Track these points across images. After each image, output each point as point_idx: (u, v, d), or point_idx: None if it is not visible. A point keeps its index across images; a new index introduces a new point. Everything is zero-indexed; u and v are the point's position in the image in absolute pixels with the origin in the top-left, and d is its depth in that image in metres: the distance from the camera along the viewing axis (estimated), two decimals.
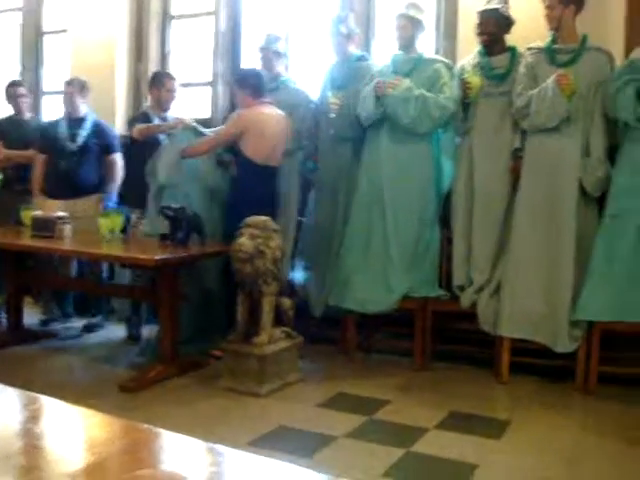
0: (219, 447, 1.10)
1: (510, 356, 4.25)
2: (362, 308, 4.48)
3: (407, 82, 4.41)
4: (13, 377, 4.06)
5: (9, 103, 5.72)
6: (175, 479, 0.85)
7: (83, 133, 5.16)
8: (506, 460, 3.20)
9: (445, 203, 4.59)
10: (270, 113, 4.48)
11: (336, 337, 4.84)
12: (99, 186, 5.23)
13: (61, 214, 4.53)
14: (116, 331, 5.25)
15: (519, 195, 4.24)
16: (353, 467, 3.05)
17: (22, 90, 5.69)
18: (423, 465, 3.13)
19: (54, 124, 5.30)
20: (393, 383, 4.21)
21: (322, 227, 4.81)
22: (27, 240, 4.51)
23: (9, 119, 5.73)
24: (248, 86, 4.50)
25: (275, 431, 3.45)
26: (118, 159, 5.28)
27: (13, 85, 5.73)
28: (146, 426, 1.20)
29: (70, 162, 5.13)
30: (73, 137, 5.15)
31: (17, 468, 1.06)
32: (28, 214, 4.73)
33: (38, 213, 4.63)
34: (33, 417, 1.30)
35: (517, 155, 4.29)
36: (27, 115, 5.74)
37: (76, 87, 5.23)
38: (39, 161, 5.27)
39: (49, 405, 1.33)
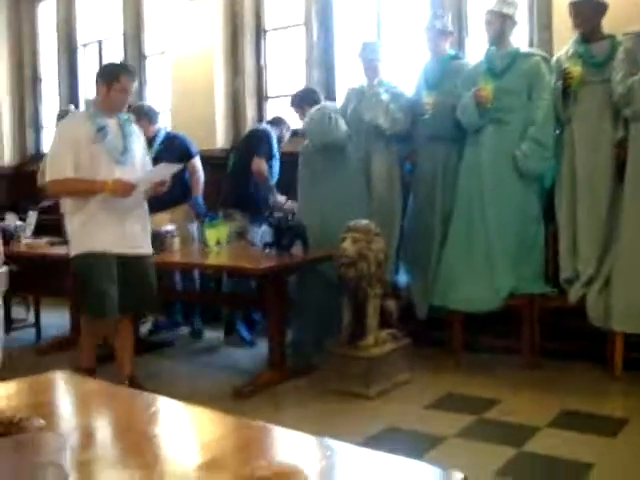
0: (329, 441, 1.15)
1: (624, 351, 4.12)
2: (467, 307, 4.45)
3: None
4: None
5: None
6: (292, 471, 0.90)
7: (153, 150, 5.31)
8: (623, 459, 3.11)
9: (549, 196, 4.50)
10: None
11: (442, 338, 4.81)
12: (185, 194, 5.44)
13: (169, 228, 4.72)
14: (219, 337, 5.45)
15: (626, 185, 4.11)
16: (463, 467, 3.01)
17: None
18: (536, 465, 3.09)
19: None
20: (502, 382, 4.15)
21: (422, 228, 4.80)
22: None
23: None
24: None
25: (384, 432, 3.48)
26: (196, 163, 5.47)
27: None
28: (258, 423, 1.26)
29: None
30: None
31: (141, 464, 1.13)
32: None
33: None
34: (153, 418, 1.38)
35: (621, 144, 4.16)
36: None
37: (134, 114, 5.43)
38: None
39: (167, 406, 1.41)
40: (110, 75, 3.87)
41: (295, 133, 5.61)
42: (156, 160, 5.30)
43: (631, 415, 3.56)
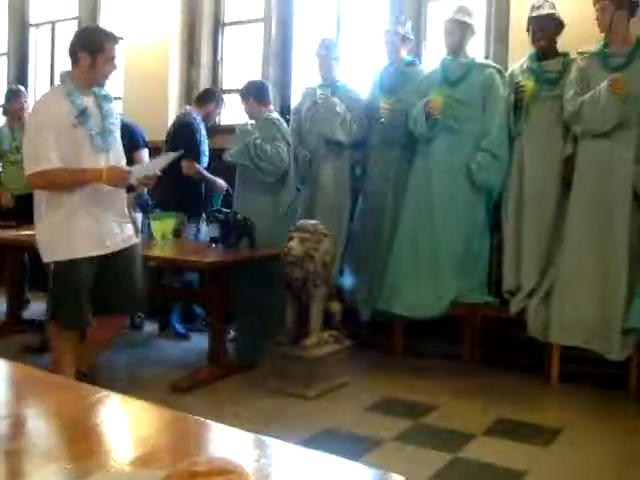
0: (267, 439, 1.13)
1: (560, 363, 4.20)
2: (411, 313, 4.48)
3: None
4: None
5: None
6: (230, 468, 0.87)
7: None
8: (556, 468, 3.16)
9: (496, 208, 4.55)
10: None
11: (384, 342, 4.84)
12: (129, 186, 5.27)
13: None
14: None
15: (571, 201, 4.18)
16: (399, 471, 3.02)
17: None
18: (471, 471, 3.11)
19: None
20: (441, 388, 4.18)
21: (370, 232, 4.81)
22: None
23: None
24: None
25: (322, 433, 3.47)
26: (141, 155, 5.20)
27: None
28: (196, 418, 1.23)
29: None
30: None
31: (73, 455, 1.10)
32: None
33: None
34: (89, 409, 1.34)
35: (569, 161, 4.24)
36: None
37: None
38: None
39: (104, 398, 1.37)
40: (94, 44, 3.39)
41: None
42: None
43: (565, 425, 3.62)
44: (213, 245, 4.44)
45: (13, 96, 5.91)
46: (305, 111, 4.99)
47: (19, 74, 7.69)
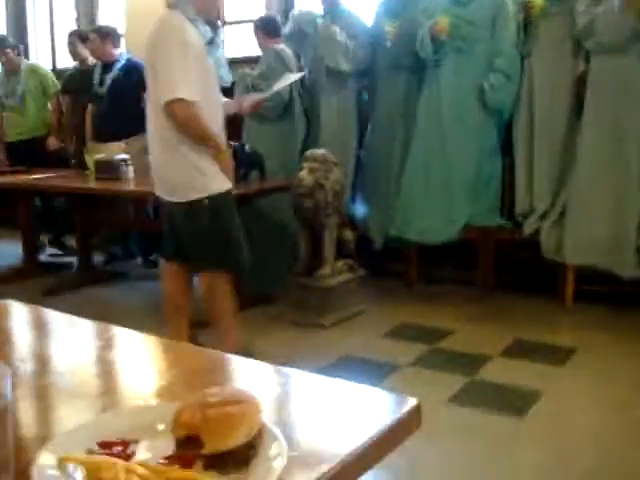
0: (284, 369, 1.14)
1: (575, 283, 4.21)
2: (423, 239, 4.48)
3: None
4: (95, 317, 4.23)
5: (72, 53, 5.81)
6: (244, 398, 0.88)
7: (111, 76, 5.17)
8: (571, 387, 3.20)
9: (507, 130, 4.49)
10: None
11: (398, 269, 4.85)
12: (139, 125, 5.20)
13: (123, 156, 4.61)
14: None
15: (583, 120, 4.11)
16: (417, 395, 3.08)
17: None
18: (487, 392, 3.16)
19: (90, 71, 5.38)
20: (456, 313, 4.22)
21: (381, 158, 4.77)
22: (94, 183, 4.61)
23: (77, 70, 5.80)
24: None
25: (339, 361, 3.52)
26: None
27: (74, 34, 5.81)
28: (212, 351, 1.25)
29: (104, 106, 5.20)
30: (102, 82, 5.21)
31: (92, 392, 1.11)
32: (91, 158, 4.83)
33: (101, 156, 4.71)
34: (106, 345, 1.36)
35: (581, 79, 4.15)
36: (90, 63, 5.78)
37: (97, 36, 5.23)
38: (88, 108, 5.41)
39: (121, 334, 1.38)
40: None
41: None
42: (113, 86, 5.16)
43: (579, 345, 3.65)
44: None
45: (1, 47, 5.84)
46: (306, 49, 4.92)
47: (17, 14, 7.57)
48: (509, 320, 4.08)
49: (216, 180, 3.10)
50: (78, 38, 5.74)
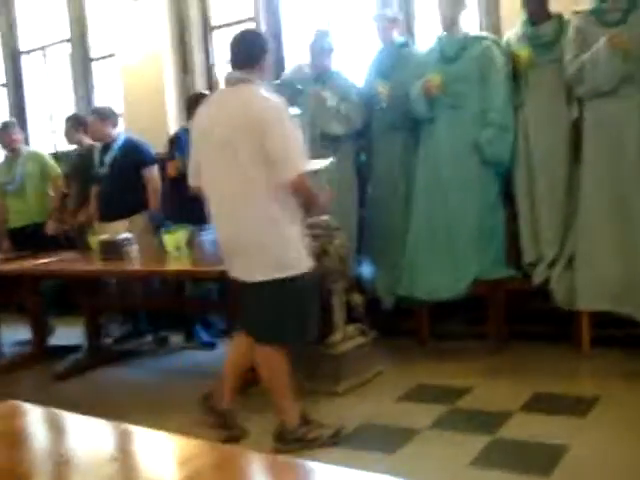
0: (306, 463, 1.10)
1: (591, 328, 4.14)
2: (432, 296, 4.43)
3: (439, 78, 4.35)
4: (108, 400, 4.20)
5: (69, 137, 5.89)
6: None
7: (110, 155, 5.23)
8: (598, 438, 3.11)
9: (507, 181, 4.49)
10: None
11: (409, 328, 4.80)
12: (142, 203, 5.25)
13: (126, 235, 4.62)
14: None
15: (582, 165, 4.12)
16: (439, 459, 3.02)
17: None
18: (511, 450, 3.07)
19: (90, 153, 5.47)
20: (472, 369, 4.15)
21: (383, 219, 4.76)
22: (99, 264, 4.61)
23: (76, 154, 5.88)
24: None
25: (357, 429, 3.44)
26: (150, 172, 5.25)
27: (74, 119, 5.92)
28: (223, 446, 1.21)
29: (105, 186, 5.26)
30: (102, 162, 5.28)
31: None
32: (94, 239, 4.84)
33: (104, 237, 4.73)
34: (118, 446, 1.33)
35: (575, 125, 4.17)
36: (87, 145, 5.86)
37: (96, 118, 5.32)
38: (92, 190, 5.46)
39: (133, 432, 1.35)
40: (267, 44, 3.34)
41: None
42: (113, 166, 5.21)
43: (601, 393, 3.57)
44: None
45: (4, 129, 5.93)
46: (301, 114, 4.95)
47: (17, 102, 7.71)
48: (526, 372, 4.00)
49: (307, 258, 3.21)
50: (75, 122, 5.83)
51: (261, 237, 3.13)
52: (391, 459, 3.04)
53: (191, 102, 5.20)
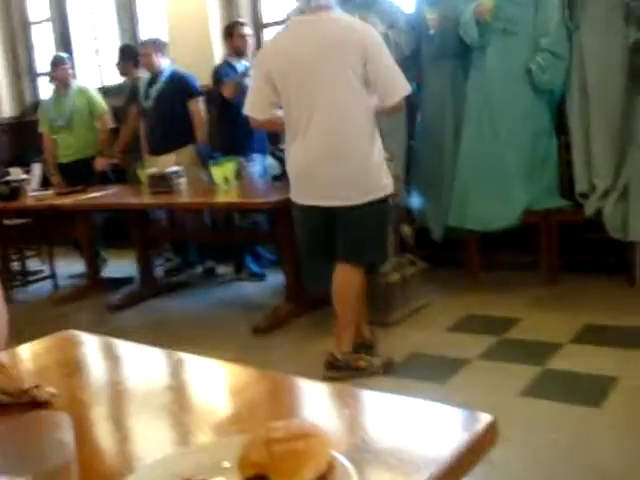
0: (354, 390, 1.10)
1: None
2: (483, 226, 4.38)
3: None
4: (161, 330, 4.29)
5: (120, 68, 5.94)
6: (309, 430, 0.85)
7: (157, 88, 5.22)
8: None
9: (560, 109, 4.36)
10: None
11: (459, 258, 4.76)
12: (189, 136, 5.24)
13: (174, 168, 4.64)
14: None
15: None
16: (489, 388, 3.03)
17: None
18: (561, 381, 3.07)
19: (137, 85, 5.47)
20: (522, 300, 4.12)
21: (433, 149, 4.69)
22: (149, 197, 4.66)
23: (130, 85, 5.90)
24: None
25: (407, 358, 3.47)
26: (196, 105, 5.24)
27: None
28: (277, 374, 1.22)
29: (151, 119, 5.27)
30: (148, 95, 5.27)
31: (165, 423, 1.11)
32: (143, 172, 4.88)
33: (152, 170, 4.76)
34: (172, 373, 1.35)
35: (636, 47, 3.99)
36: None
37: (150, 47, 5.29)
38: (140, 123, 5.48)
39: (186, 360, 1.37)
40: None
41: None
42: (159, 99, 5.21)
43: None
44: (275, 183, 4.42)
45: (57, 63, 5.94)
46: None
47: (62, 38, 7.71)
48: (578, 304, 3.96)
49: (390, 181, 3.29)
50: (127, 53, 5.84)
51: (361, 160, 3.18)
52: (442, 389, 3.07)
53: (227, 31, 5.16)
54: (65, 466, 0.81)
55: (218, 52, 6.09)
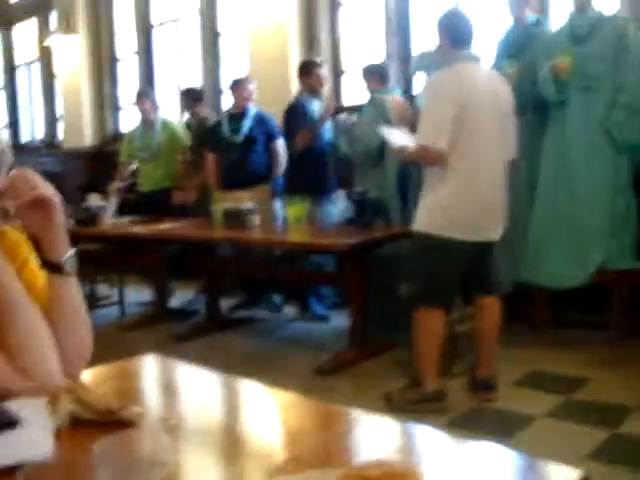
0: (417, 428, 1.11)
1: None
2: (555, 284, 4.31)
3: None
4: (222, 364, 4.32)
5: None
6: (402, 470, 0.86)
7: (247, 124, 5.36)
8: None
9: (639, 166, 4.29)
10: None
11: (526, 313, 4.69)
12: (268, 174, 5.41)
13: (249, 206, 4.72)
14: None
15: None
16: (556, 449, 2.95)
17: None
18: (633, 448, 2.97)
19: (218, 123, 5.62)
20: (590, 359, 4.02)
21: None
22: (222, 232, 4.77)
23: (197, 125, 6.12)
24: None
25: (471, 411, 3.42)
26: (280, 145, 5.40)
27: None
28: (351, 410, 1.23)
29: (237, 154, 5.38)
30: (236, 131, 5.39)
31: (221, 454, 1.13)
32: (218, 207, 4.97)
33: (229, 206, 4.84)
34: (240, 404, 1.37)
35: None
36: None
37: (245, 84, 5.49)
38: (209, 159, 5.60)
39: (248, 388, 1.39)
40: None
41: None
42: (249, 135, 5.35)
43: None
44: (348, 226, 4.46)
45: (139, 97, 6.18)
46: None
47: (146, 74, 7.98)
48: None
49: None
50: (190, 95, 6.10)
51: (502, 205, 3.61)
52: (506, 444, 3.00)
53: (304, 68, 5.29)
54: None
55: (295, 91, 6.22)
